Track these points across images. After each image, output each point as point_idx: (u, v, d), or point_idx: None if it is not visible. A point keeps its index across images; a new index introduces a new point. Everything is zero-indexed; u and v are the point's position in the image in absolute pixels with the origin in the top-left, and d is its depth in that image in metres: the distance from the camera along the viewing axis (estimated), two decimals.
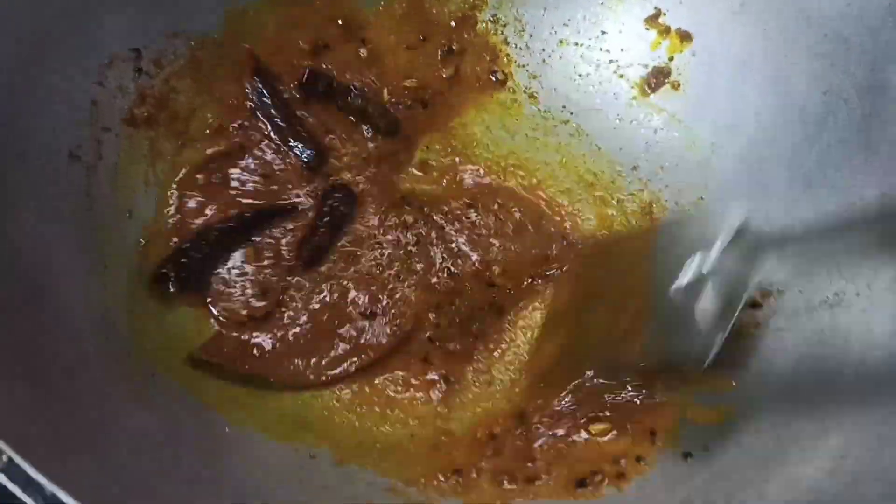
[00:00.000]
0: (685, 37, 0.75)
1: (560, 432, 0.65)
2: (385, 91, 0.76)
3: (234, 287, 0.67)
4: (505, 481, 0.62)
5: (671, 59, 0.76)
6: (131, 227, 0.65)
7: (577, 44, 0.79)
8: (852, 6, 0.65)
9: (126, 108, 0.66)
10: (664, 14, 0.75)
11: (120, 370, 0.57)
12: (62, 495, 0.38)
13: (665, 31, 0.75)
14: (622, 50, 0.78)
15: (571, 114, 0.78)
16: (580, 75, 0.79)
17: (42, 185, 0.58)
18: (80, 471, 0.42)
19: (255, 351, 0.65)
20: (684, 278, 0.62)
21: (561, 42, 0.79)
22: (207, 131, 0.71)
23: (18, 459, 0.39)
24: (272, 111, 0.72)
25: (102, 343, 0.57)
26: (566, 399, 0.66)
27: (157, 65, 0.68)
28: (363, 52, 0.76)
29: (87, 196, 0.62)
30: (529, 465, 0.63)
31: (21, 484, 0.38)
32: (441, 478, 0.62)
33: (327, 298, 0.68)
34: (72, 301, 0.56)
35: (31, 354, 0.50)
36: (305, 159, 0.72)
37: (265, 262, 0.68)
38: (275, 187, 0.72)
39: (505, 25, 0.79)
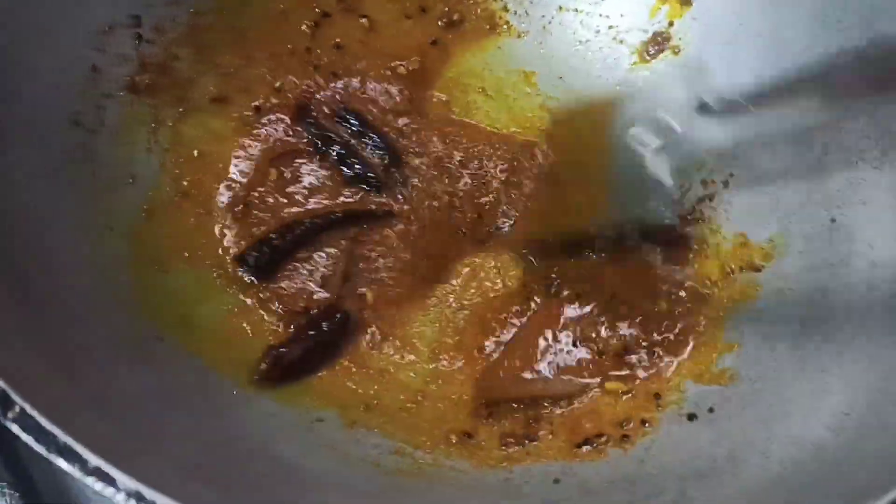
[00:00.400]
0: (685, 1, 0.74)
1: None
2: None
3: (297, 280, 0.68)
4: (510, 443, 0.62)
5: (671, 24, 0.75)
6: (134, 193, 0.65)
7: (576, 10, 0.78)
8: None
9: (127, 75, 0.66)
10: None
11: (125, 332, 0.57)
12: (75, 445, 0.38)
13: None
14: (622, 15, 0.77)
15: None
16: (580, 41, 0.78)
17: (44, 149, 0.58)
18: (89, 425, 0.42)
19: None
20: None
21: (560, 8, 0.78)
22: (209, 99, 0.71)
23: (30, 409, 0.39)
24: (331, 143, 0.72)
25: (107, 306, 0.57)
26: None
27: (158, 32, 0.68)
28: (364, 21, 0.76)
29: (90, 161, 0.62)
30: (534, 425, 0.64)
31: (34, 433, 0.39)
32: (449, 439, 0.62)
33: None
34: (75, 263, 0.57)
35: (37, 316, 0.50)
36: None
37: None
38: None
39: None
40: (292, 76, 0.73)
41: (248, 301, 0.66)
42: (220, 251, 0.67)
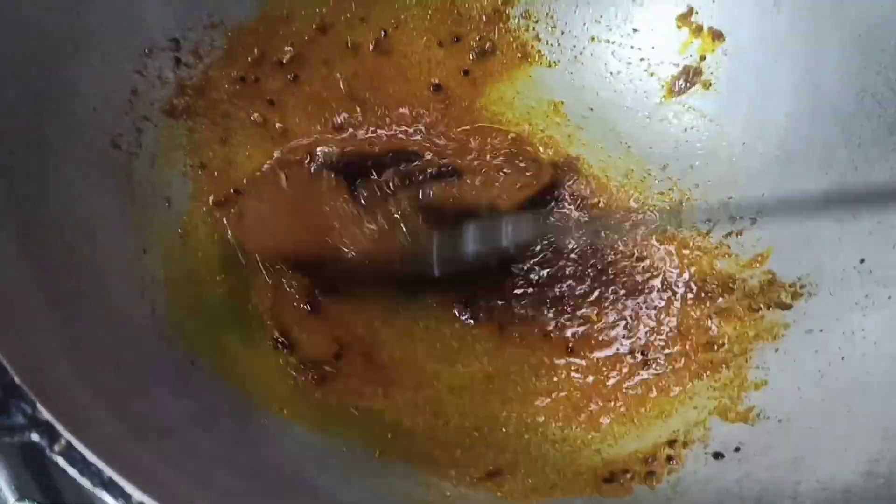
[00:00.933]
0: (717, 36, 0.75)
1: None
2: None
3: None
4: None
5: (703, 58, 0.75)
6: (171, 216, 0.65)
7: (608, 41, 0.78)
8: (886, 7, 0.65)
9: (165, 98, 0.66)
10: (696, 12, 0.75)
11: (162, 356, 0.57)
12: (120, 480, 0.39)
13: (697, 29, 0.75)
14: (653, 48, 0.77)
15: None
16: (611, 73, 0.78)
17: (85, 169, 0.59)
18: (132, 458, 0.43)
19: None
20: None
21: (592, 39, 0.78)
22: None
23: (77, 443, 0.39)
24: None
25: (144, 330, 0.57)
26: None
27: (196, 55, 0.68)
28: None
29: (128, 183, 0.62)
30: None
31: (79, 467, 0.39)
32: (474, 473, 0.62)
33: None
34: (115, 287, 0.57)
35: (80, 342, 0.50)
36: None
37: None
38: None
39: (536, 21, 0.79)
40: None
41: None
42: None
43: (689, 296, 0.71)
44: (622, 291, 0.73)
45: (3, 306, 0.46)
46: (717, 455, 0.62)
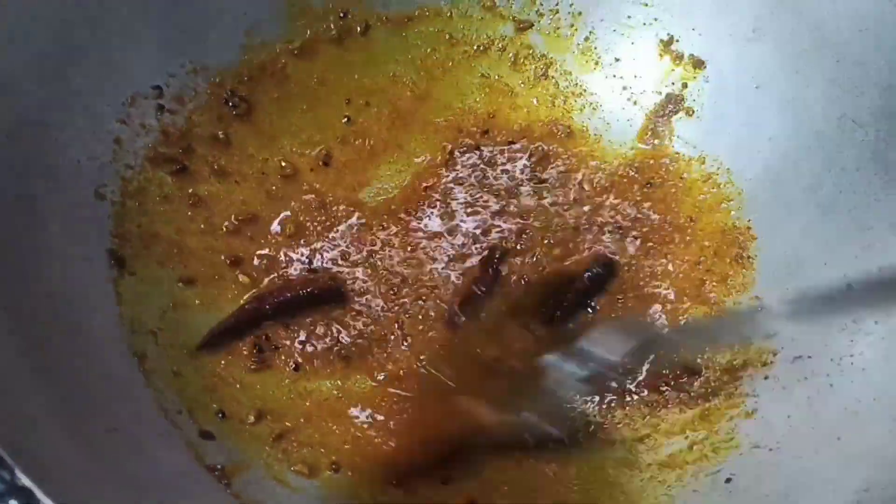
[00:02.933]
0: (698, 63, 0.75)
1: None
2: None
3: None
4: None
5: (685, 85, 0.76)
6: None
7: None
8: (866, 32, 0.65)
9: (149, 146, 0.67)
10: (677, 41, 0.75)
11: (148, 407, 0.57)
12: None
13: (678, 57, 0.75)
14: (636, 77, 0.78)
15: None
16: (594, 103, 0.79)
17: (71, 224, 0.59)
18: None
19: None
20: None
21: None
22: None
23: None
24: None
25: (133, 383, 0.57)
26: None
27: (179, 101, 0.68)
28: None
29: (115, 237, 0.62)
30: None
31: None
32: None
33: None
34: (105, 337, 0.58)
35: (68, 398, 0.51)
36: None
37: None
38: None
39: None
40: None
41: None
42: None
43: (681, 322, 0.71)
44: None
45: None
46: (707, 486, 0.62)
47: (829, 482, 0.57)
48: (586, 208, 0.76)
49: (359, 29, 0.75)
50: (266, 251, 0.71)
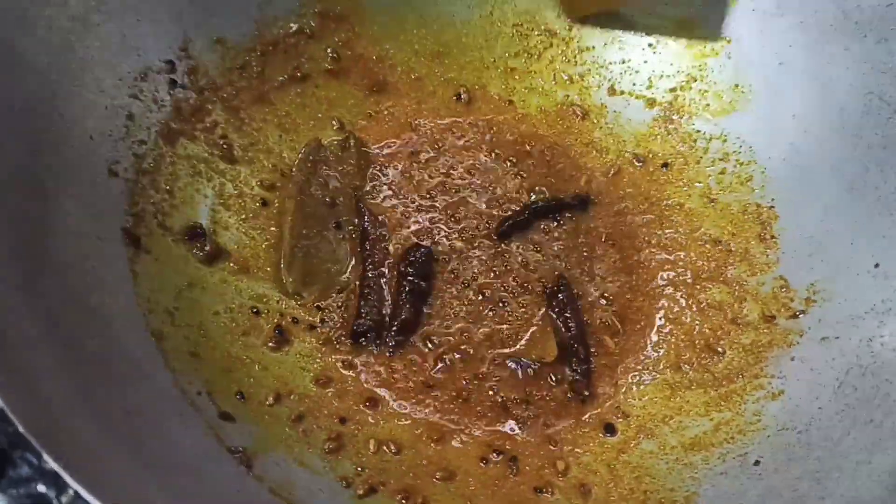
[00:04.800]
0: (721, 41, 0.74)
1: None
2: None
3: None
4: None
5: (707, 62, 0.74)
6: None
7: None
8: (893, 7, 0.64)
9: (162, 121, 0.65)
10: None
11: (167, 388, 0.56)
12: None
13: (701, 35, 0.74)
14: (655, 53, 0.76)
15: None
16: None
17: (84, 203, 0.58)
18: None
19: None
20: None
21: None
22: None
23: (84, 493, 0.38)
24: None
25: (152, 363, 0.56)
26: None
27: (192, 76, 0.67)
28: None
29: (129, 214, 0.61)
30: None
31: None
32: None
33: None
34: (122, 317, 0.56)
35: (89, 380, 0.50)
36: None
37: None
38: None
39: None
40: None
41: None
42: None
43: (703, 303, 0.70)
44: None
45: (6, 354, 0.44)
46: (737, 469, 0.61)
47: (861, 465, 0.56)
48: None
49: None
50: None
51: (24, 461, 0.38)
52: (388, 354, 0.67)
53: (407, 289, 0.68)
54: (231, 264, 0.67)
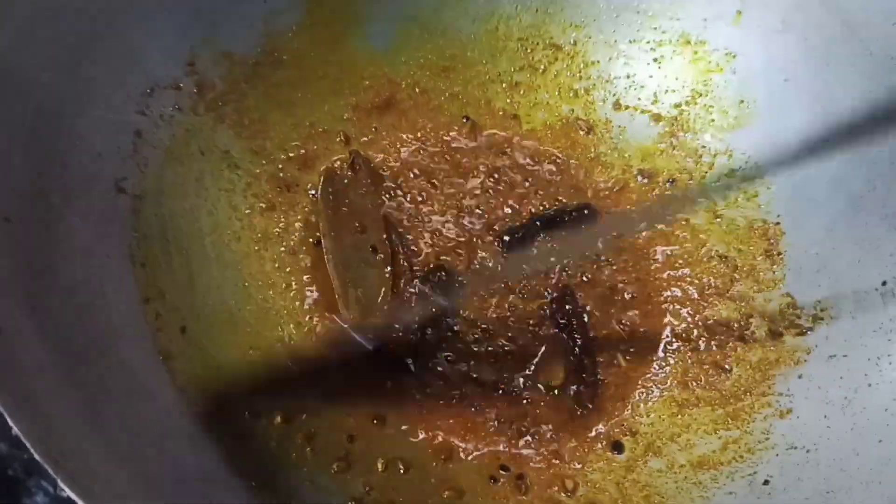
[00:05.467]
0: (726, 55, 0.74)
1: None
2: None
3: None
4: None
5: (711, 78, 0.74)
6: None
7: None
8: None
9: (169, 136, 0.65)
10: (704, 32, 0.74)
11: (175, 408, 0.56)
12: None
13: (706, 49, 0.74)
14: (660, 68, 0.76)
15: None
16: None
17: (91, 220, 0.57)
18: None
19: None
20: None
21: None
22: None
23: None
24: None
25: (159, 383, 0.56)
26: None
27: (199, 91, 0.67)
28: None
29: (136, 231, 0.60)
30: None
31: None
32: None
33: None
34: (129, 335, 0.56)
35: (94, 400, 0.49)
36: None
37: None
38: None
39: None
40: None
41: None
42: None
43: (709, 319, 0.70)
44: None
45: (18, 380, 0.44)
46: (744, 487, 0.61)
47: (870, 484, 0.56)
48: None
49: None
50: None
51: (40, 489, 0.37)
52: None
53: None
54: None
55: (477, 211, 0.74)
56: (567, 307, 0.70)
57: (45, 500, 0.37)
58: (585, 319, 0.70)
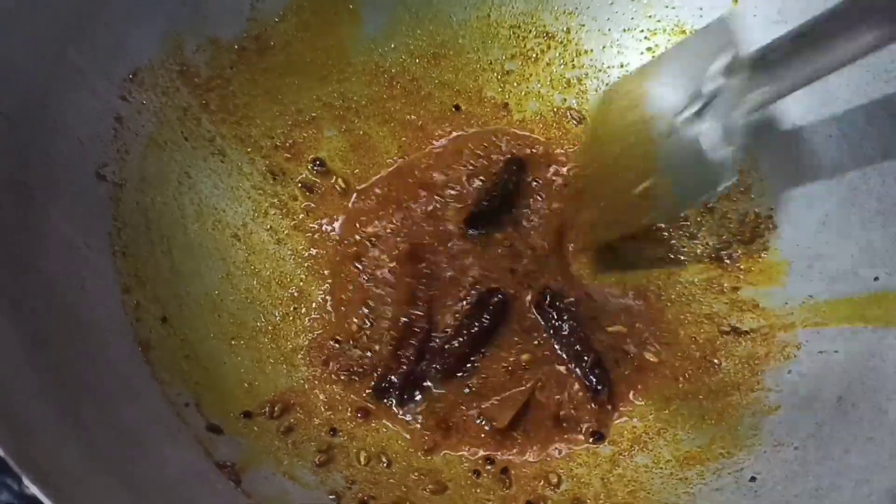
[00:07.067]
0: None
1: None
2: None
3: None
4: None
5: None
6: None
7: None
8: None
9: (152, 123, 0.64)
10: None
11: (155, 402, 0.55)
12: None
13: None
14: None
15: None
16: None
17: (71, 210, 0.57)
18: None
19: None
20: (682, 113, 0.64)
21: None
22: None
23: None
24: None
25: (138, 375, 0.55)
26: None
27: (183, 76, 0.66)
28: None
29: (116, 220, 0.59)
30: None
31: None
32: None
33: None
34: (108, 327, 0.55)
35: (76, 402, 0.48)
36: None
37: None
38: None
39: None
40: None
41: None
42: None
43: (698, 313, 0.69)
44: None
45: None
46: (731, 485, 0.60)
47: (861, 483, 0.55)
48: None
49: None
50: None
51: (4, 486, 0.36)
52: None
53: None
54: None
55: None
56: (548, 304, 0.69)
57: (9, 498, 0.36)
58: (573, 309, 0.69)
